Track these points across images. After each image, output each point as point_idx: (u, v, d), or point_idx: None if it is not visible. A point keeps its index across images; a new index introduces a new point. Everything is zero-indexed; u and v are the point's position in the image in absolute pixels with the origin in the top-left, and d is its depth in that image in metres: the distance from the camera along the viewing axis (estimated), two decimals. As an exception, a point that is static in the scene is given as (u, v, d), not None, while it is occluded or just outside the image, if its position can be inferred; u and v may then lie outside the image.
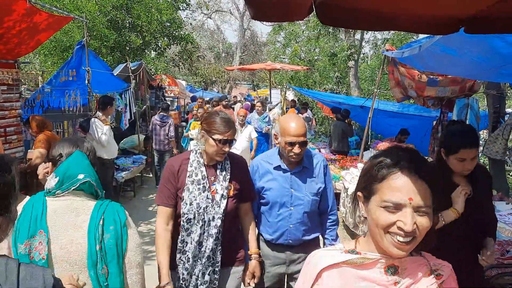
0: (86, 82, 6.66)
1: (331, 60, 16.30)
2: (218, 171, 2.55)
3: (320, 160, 2.84)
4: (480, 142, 10.21)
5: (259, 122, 9.37)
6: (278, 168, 2.75)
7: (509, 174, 9.16)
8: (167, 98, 14.56)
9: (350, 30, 14.34)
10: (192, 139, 7.78)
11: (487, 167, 7.76)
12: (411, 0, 2.05)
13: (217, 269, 2.54)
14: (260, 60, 32.87)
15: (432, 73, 5.94)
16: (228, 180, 2.56)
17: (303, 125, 2.67)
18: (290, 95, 20.44)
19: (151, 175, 9.98)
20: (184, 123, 12.04)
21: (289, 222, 2.73)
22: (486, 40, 3.35)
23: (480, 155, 9.56)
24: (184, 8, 15.69)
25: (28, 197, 1.96)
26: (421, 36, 4.87)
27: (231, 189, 2.57)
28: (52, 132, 5.36)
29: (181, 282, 2.52)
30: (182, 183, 2.52)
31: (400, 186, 1.18)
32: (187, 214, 2.48)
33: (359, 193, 1.33)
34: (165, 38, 14.05)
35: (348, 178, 6.34)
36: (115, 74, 9.12)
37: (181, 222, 2.51)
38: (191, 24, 24.87)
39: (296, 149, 2.61)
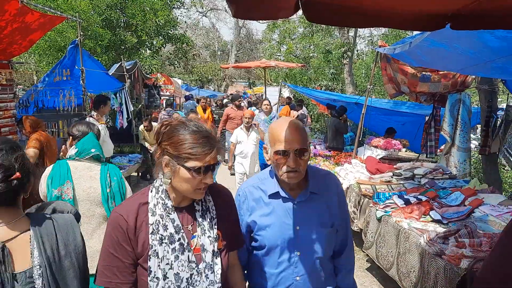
0: (81, 81, 6.66)
1: (326, 57, 16.33)
2: (197, 215, 1.69)
3: (334, 182, 2.10)
4: (473, 136, 10.25)
5: (266, 124, 8.29)
6: (275, 196, 1.98)
7: (503, 169, 9.23)
8: (162, 97, 14.56)
9: (344, 27, 14.36)
10: None
11: (480, 161, 7.83)
12: (396, -3, 2.07)
13: None
14: (255, 57, 32.90)
15: (424, 69, 5.98)
16: (216, 227, 1.72)
17: (301, 129, 1.90)
18: (286, 92, 20.48)
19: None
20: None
21: (296, 273, 1.96)
22: (476, 34, 3.39)
23: (475, 150, 9.63)
24: (178, 6, 15.66)
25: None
26: (415, 31, 4.92)
27: (220, 238, 1.73)
28: (45, 132, 5.37)
29: None
30: (145, 246, 1.60)
31: None
32: None
33: None
34: (160, 37, 14.05)
35: (342, 174, 6.38)
36: (110, 74, 9.12)
37: None
38: (185, 22, 24.82)
39: (291, 162, 1.83)
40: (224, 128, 10.46)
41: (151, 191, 1.68)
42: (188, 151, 1.55)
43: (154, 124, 9.50)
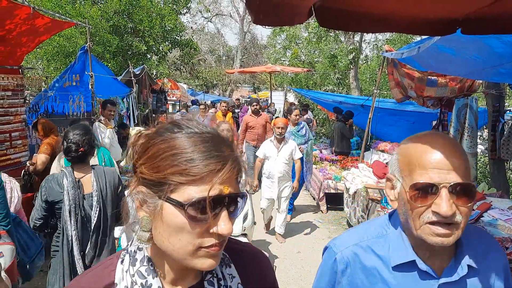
0: (90, 86, 6.73)
1: (331, 61, 16.37)
2: None
3: (497, 248, 1.26)
4: (479, 141, 10.23)
5: (293, 136, 6.76)
6: (406, 268, 1.18)
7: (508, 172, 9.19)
8: (169, 102, 14.62)
9: (350, 32, 14.40)
10: None
11: (487, 165, 7.81)
12: (408, 2, 2.11)
13: None
14: (260, 62, 32.97)
15: (431, 73, 5.99)
16: None
17: (462, 152, 1.12)
18: (291, 97, 20.52)
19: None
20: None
21: None
22: (483, 39, 3.41)
23: (481, 154, 9.60)
24: (185, 12, 15.78)
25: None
26: (423, 36, 4.93)
27: None
28: (58, 137, 5.43)
29: None
30: None
31: None
32: None
33: None
34: (167, 42, 14.14)
35: (350, 178, 6.40)
36: (119, 79, 9.23)
37: None
38: (191, 28, 24.99)
39: (444, 206, 1.04)
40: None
41: (122, 261, 0.93)
42: (176, 167, 0.80)
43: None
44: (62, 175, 2.94)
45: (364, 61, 19.73)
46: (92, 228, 2.93)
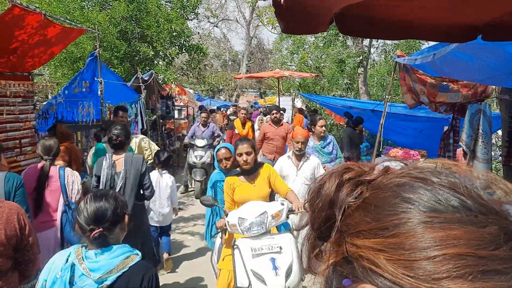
0: (99, 92, 6.74)
1: (339, 66, 16.33)
2: None
3: None
4: (494, 147, 10.14)
5: (317, 153, 5.61)
6: None
7: (522, 179, 9.05)
8: (176, 107, 14.64)
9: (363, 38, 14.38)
10: (223, 232, 3.75)
11: (501, 173, 7.70)
12: (429, 9, 2.07)
13: None
14: (266, 67, 33.06)
15: (443, 79, 5.94)
16: None
17: None
18: (298, 103, 20.49)
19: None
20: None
21: None
22: (501, 46, 3.36)
23: (493, 160, 9.47)
24: (192, 18, 15.81)
25: None
26: (431, 42, 4.87)
27: None
28: (73, 144, 5.44)
29: None
30: None
31: None
32: None
33: None
34: (175, 47, 14.16)
35: (361, 185, 6.32)
36: (129, 85, 9.25)
37: None
38: (198, 33, 25.14)
39: None
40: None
41: None
42: (463, 282, 0.44)
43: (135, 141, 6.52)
44: (104, 158, 4.16)
45: (372, 66, 19.67)
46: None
